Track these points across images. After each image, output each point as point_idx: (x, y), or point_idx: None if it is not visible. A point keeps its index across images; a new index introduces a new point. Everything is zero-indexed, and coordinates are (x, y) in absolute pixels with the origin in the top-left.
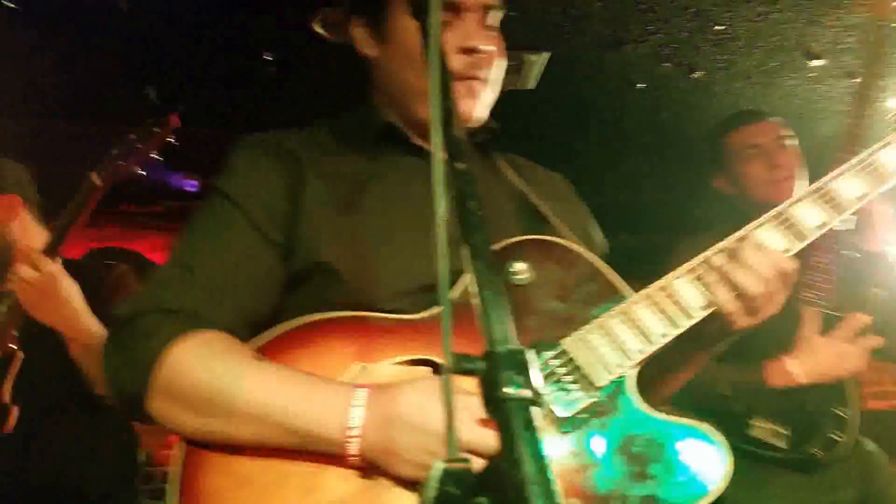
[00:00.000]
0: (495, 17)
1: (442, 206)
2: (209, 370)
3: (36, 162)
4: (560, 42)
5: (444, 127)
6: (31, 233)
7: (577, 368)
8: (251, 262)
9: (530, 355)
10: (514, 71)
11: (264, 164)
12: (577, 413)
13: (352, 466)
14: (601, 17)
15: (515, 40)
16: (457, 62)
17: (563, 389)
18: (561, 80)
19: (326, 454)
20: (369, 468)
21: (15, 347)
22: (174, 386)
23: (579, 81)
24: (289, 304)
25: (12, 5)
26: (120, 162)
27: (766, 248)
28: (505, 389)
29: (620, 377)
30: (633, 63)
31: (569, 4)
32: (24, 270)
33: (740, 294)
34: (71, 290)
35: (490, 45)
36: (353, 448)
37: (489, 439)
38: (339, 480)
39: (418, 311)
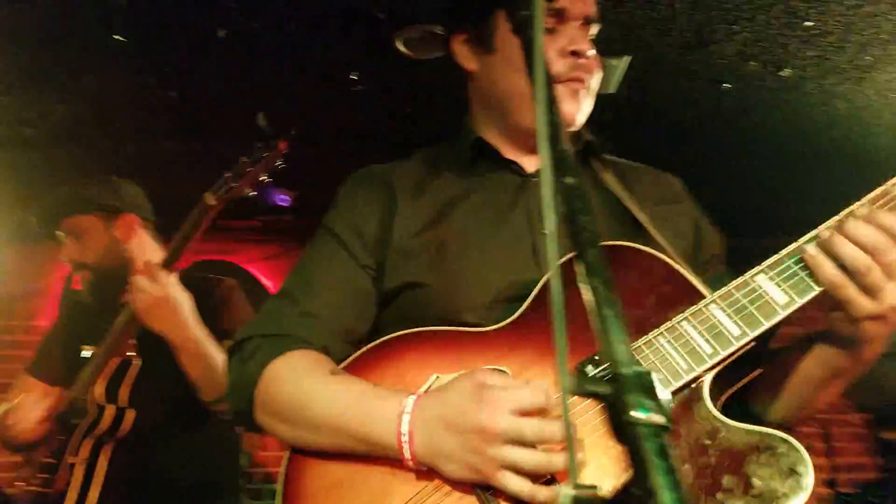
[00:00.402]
0: (593, 31)
1: (551, 222)
2: (295, 385)
3: (151, 182)
4: (642, 44)
5: (551, 141)
6: (147, 249)
7: None
8: (346, 287)
9: (655, 377)
10: None
11: (361, 197)
12: None
13: (412, 469)
14: (685, 16)
15: (596, 43)
16: (561, 65)
17: None
18: (643, 83)
19: (395, 459)
20: (430, 471)
21: (133, 354)
22: (270, 400)
23: (662, 84)
24: (384, 320)
25: (121, 38)
26: (232, 184)
27: (872, 217)
28: (633, 414)
29: (693, 383)
30: (719, 63)
31: (651, 6)
32: (141, 281)
33: (846, 270)
34: (181, 301)
35: (593, 51)
36: (406, 452)
37: (527, 429)
38: (408, 484)
39: (498, 321)
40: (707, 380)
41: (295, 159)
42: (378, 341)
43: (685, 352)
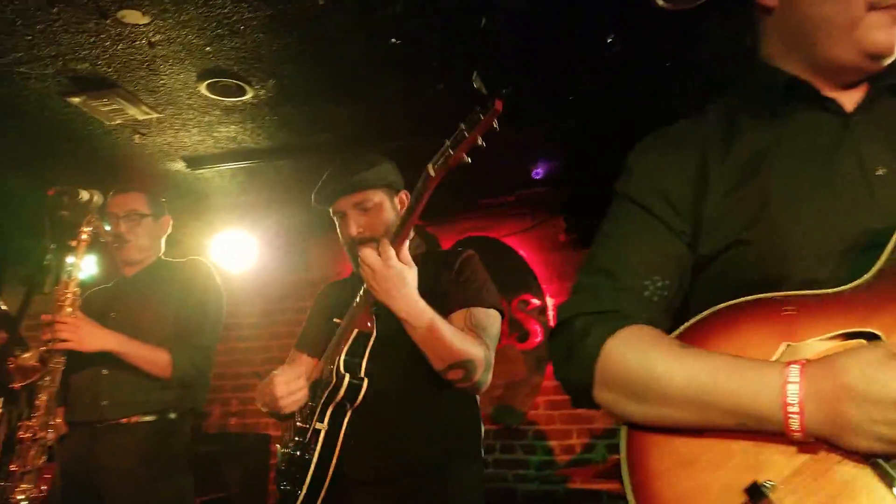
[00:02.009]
0: None
1: None
2: (641, 361)
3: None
4: None
5: None
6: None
7: None
8: (661, 256)
9: None
10: None
11: (662, 160)
12: None
13: (795, 442)
14: None
15: None
16: None
17: None
18: None
19: (767, 432)
20: (815, 443)
21: (371, 326)
22: (612, 377)
23: None
24: (700, 287)
25: (397, 41)
26: (451, 151)
27: None
28: None
29: None
30: None
31: None
32: (367, 254)
33: None
34: (403, 274)
35: None
36: (795, 425)
37: None
38: (783, 457)
39: (839, 276)
40: None
41: (549, 132)
42: (707, 313)
43: None
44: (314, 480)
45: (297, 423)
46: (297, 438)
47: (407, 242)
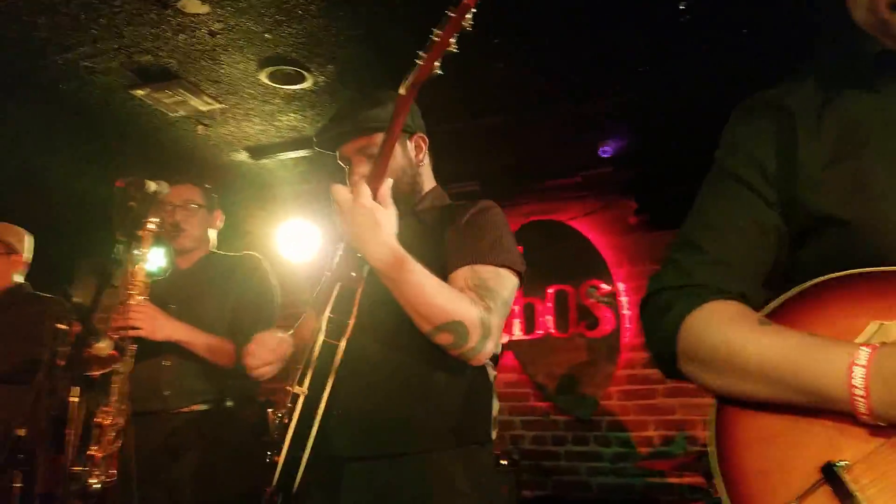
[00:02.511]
0: None
1: None
2: (720, 336)
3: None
4: None
5: None
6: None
7: None
8: (754, 228)
9: None
10: None
11: (756, 129)
12: None
13: (867, 424)
14: None
15: None
16: None
17: None
18: None
19: (842, 412)
20: (889, 427)
21: (355, 278)
22: (693, 351)
23: None
24: (797, 261)
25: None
26: (419, 63)
27: None
28: None
29: None
30: None
31: None
32: (337, 190)
33: None
34: (376, 215)
35: None
36: (862, 407)
37: None
38: (860, 438)
39: None
40: None
41: (617, 106)
42: (801, 287)
43: None
44: (291, 450)
45: (287, 387)
46: (289, 404)
47: (386, 180)
